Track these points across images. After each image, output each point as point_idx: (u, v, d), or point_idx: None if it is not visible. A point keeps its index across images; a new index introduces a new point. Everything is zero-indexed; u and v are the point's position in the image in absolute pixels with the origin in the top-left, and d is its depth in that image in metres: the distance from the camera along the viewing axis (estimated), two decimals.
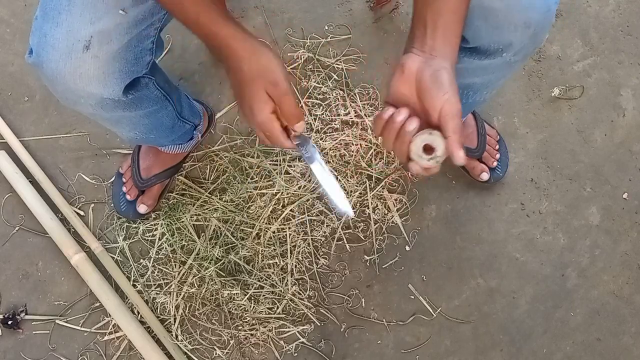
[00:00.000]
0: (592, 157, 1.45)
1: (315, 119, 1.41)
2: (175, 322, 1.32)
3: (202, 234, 1.36)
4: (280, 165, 1.38)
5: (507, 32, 0.89)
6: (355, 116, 1.42)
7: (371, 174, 1.39)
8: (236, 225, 1.35)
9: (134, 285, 1.34)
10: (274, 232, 1.35)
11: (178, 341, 1.31)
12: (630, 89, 1.49)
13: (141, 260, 1.36)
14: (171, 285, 1.33)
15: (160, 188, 1.36)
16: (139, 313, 1.32)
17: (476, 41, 0.93)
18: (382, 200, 1.39)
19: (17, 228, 1.39)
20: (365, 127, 1.41)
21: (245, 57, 0.77)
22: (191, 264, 1.33)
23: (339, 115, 1.42)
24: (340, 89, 1.44)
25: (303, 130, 0.82)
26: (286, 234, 1.35)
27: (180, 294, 1.33)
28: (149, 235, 1.37)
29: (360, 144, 1.40)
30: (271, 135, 0.81)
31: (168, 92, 1.07)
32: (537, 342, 1.35)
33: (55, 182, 1.40)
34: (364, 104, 1.43)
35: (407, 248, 1.38)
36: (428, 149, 0.73)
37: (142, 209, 1.34)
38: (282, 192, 1.36)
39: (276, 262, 1.34)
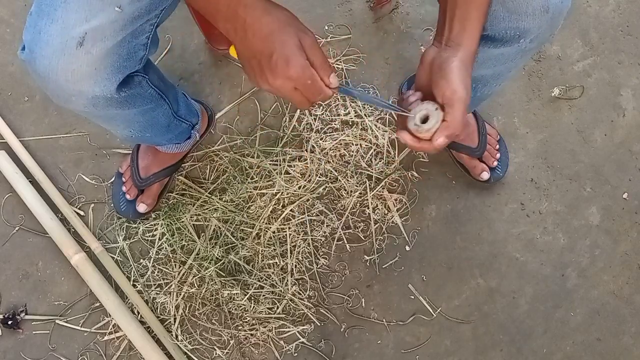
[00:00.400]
0: (592, 157, 1.45)
1: (315, 119, 1.41)
2: (175, 322, 1.32)
3: (202, 234, 1.36)
4: (280, 165, 1.38)
5: (524, 16, 0.88)
6: (355, 116, 1.42)
7: (371, 174, 1.39)
8: (236, 225, 1.35)
9: (134, 285, 1.34)
10: (274, 232, 1.35)
11: (178, 341, 1.31)
12: (630, 89, 1.49)
13: (141, 260, 1.36)
14: (171, 285, 1.33)
15: (160, 187, 1.36)
16: (139, 313, 1.32)
17: (493, 27, 0.91)
18: (382, 200, 1.39)
19: (17, 228, 1.39)
20: (366, 127, 1.41)
21: (268, 9, 0.73)
22: (191, 264, 1.33)
23: (338, 115, 1.42)
24: None
25: (337, 83, 0.77)
26: (286, 234, 1.35)
27: (180, 294, 1.33)
28: (149, 235, 1.37)
29: (360, 144, 1.40)
30: (312, 83, 0.74)
31: (163, 90, 1.06)
32: (537, 342, 1.35)
33: (55, 182, 1.40)
34: (364, 104, 1.43)
35: (407, 248, 1.38)
36: (425, 121, 0.77)
37: (141, 208, 1.34)
38: (282, 192, 1.36)
39: (276, 262, 1.34)
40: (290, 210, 1.36)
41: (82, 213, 1.39)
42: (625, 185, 1.44)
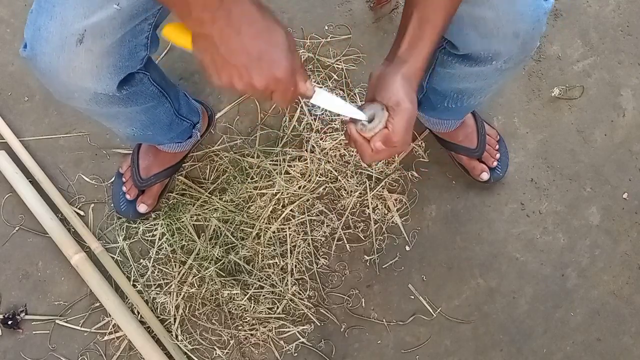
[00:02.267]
0: (592, 157, 1.45)
1: (315, 119, 1.41)
2: (175, 322, 1.32)
3: (202, 234, 1.36)
4: (280, 165, 1.38)
5: (495, 41, 0.91)
6: None
7: (371, 174, 1.39)
8: (236, 225, 1.35)
9: (134, 285, 1.34)
10: (274, 232, 1.35)
11: (178, 341, 1.31)
12: (630, 89, 1.49)
13: (141, 260, 1.36)
14: (171, 285, 1.33)
15: (160, 187, 1.36)
16: (139, 313, 1.32)
17: (466, 49, 0.95)
18: (382, 200, 1.39)
19: (17, 228, 1.39)
20: None
21: (263, 9, 0.69)
22: (191, 264, 1.33)
23: (339, 115, 1.42)
24: (340, 89, 1.44)
25: (313, 90, 0.77)
26: (286, 234, 1.35)
27: (180, 294, 1.33)
28: (149, 235, 1.37)
29: None
30: (294, 89, 0.73)
31: (165, 88, 1.07)
32: (537, 342, 1.35)
33: (55, 182, 1.40)
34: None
35: (407, 248, 1.38)
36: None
37: (142, 208, 1.34)
38: (282, 192, 1.36)
39: (276, 262, 1.34)
40: (290, 210, 1.36)
41: (82, 213, 1.39)
42: (625, 185, 1.44)
